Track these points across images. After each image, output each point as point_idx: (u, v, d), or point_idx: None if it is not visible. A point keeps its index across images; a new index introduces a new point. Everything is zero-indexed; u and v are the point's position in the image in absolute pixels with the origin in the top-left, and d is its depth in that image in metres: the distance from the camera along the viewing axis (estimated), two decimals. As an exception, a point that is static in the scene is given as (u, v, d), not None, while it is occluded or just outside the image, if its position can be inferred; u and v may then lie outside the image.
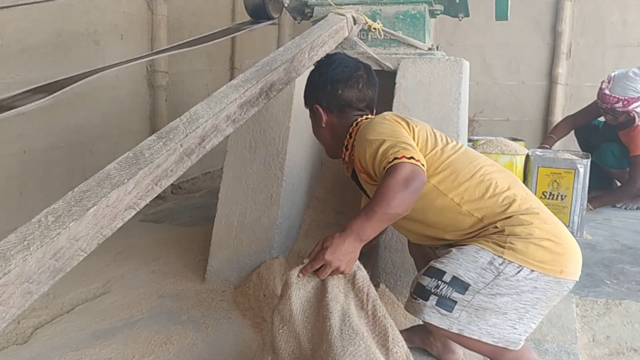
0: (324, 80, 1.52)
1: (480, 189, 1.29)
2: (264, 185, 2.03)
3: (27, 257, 0.81)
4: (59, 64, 2.62)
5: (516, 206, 1.26)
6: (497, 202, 1.27)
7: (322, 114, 1.53)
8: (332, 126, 1.54)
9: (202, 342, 1.60)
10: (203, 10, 3.93)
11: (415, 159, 1.22)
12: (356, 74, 1.52)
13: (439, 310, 1.22)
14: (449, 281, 1.22)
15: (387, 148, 1.26)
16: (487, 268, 1.21)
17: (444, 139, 1.42)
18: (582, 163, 2.67)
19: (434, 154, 1.35)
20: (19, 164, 2.48)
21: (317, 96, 1.54)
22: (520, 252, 1.21)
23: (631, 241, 2.62)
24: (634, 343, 1.63)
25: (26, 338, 1.62)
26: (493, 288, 1.20)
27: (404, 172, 1.20)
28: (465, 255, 1.24)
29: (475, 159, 1.37)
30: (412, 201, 1.22)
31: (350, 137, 1.50)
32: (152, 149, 1.12)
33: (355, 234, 1.23)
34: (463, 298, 1.21)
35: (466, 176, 1.31)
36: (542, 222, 1.25)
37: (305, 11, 2.40)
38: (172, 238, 2.54)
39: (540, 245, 1.21)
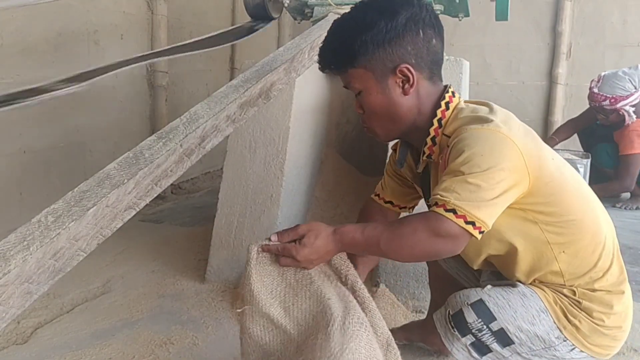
0: (414, 25, 1.06)
1: (585, 252, 1.09)
2: (264, 185, 2.03)
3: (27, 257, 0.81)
4: (59, 64, 2.62)
5: (604, 282, 1.10)
6: (592, 272, 1.10)
7: (413, 75, 1.08)
8: (419, 95, 1.11)
9: (202, 342, 1.60)
10: (203, 10, 3.93)
11: (475, 226, 0.94)
12: (434, 16, 1.10)
13: (470, 351, 1.13)
14: (494, 330, 1.09)
15: (461, 184, 0.95)
16: (541, 338, 1.08)
17: (563, 168, 1.11)
18: (582, 163, 2.67)
19: (554, 197, 1.06)
20: (19, 164, 2.48)
21: (404, 51, 1.07)
22: (583, 335, 1.09)
23: (631, 241, 2.62)
24: (634, 343, 1.62)
25: (26, 338, 1.62)
26: (535, 356, 1.11)
27: (445, 235, 0.95)
28: (526, 310, 1.08)
29: (591, 204, 1.13)
30: (423, 260, 1.07)
31: (440, 126, 1.11)
32: (152, 149, 1.12)
33: (343, 245, 1.05)
34: (500, 352, 1.11)
35: (577, 232, 1.08)
36: (621, 305, 1.11)
37: (305, 11, 2.40)
38: (172, 238, 2.54)
39: (606, 334, 1.10)
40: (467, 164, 0.96)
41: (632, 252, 2.46)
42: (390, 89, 1.09)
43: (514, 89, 4.62)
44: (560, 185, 1.07)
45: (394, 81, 1.09)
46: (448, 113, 1.11)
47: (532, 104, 4.57)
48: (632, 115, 3.13)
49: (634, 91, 3.09)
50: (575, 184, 1.12)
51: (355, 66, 1.10)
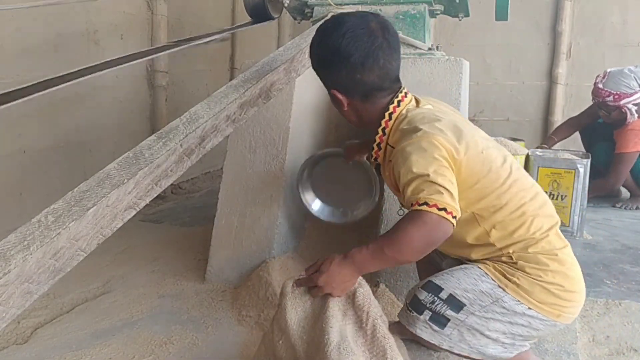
0: (338, 62, 1.24)
1: (514, 225, 1.22)
2: (264, 185, 2.03)
3: (27, 257, 0.81)
4: (59, 64, 2.61)
5: (539, 247, 1.21)
6: (524, 238, 1.21)
7: (342, 98, 1.29)
8: (357, 110, 1.31)
9: (202, 342, 1.60)
10: (203, 10, 3.93)
11: (447, 211, 1.09)
12: (374, 47, 1.22)
13: (431, 325, 1.22)
14: (445, 298, 1.21)
15: (420, 184, 1.12)
16: (486, 293, 1.20)
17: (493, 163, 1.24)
18: (582, 163, 2.67)
19: (481, 185, 1.22)
20: (19, 164, 2.49)
21: (332, 79, 1.29)
22: (523, 290, 1.18)
23: (631, 241, 2.62)
24: (634, 343, 1.63)
25: (26, 338, 1.62)
26: (488, 312, 1.19)
27: (429, 224, 1.09)
28: (467, 276, 1.22)
29: (521, 189, 1.25)
30: (426, 252, 1.14)
31: (384, 134, 1.29)
32: (152, 149, 1.12)
33: (356, 266, 1.18)
34: (456, 317, 1.20)
35: (507, 211, 1.22)
36: (560, 264, 1.21)
37: (305, 11, 2.40)
38: (172, 238, 2.54)
39: (547, 289, 1.19)
40: (412, 169, 1.14)
41: (632, 252, 2.46)
42: (335, 101, 1.34)
43: (514, 89, 4.62)
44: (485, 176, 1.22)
45: (334, 97, 1.32)
46: (391, 123, 1.28)
47: (532, 104, 4.57)
48: (634, 114, 3.13)
49: (639, 90, 3.09)
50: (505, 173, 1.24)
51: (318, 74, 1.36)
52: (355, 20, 1.25)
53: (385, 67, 1.25)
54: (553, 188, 2.70)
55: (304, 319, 1.24)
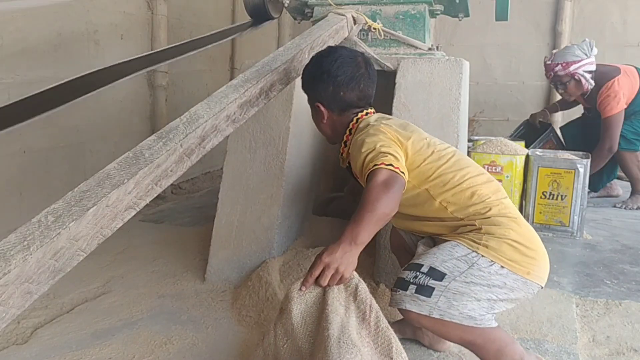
0: (327, 81, 1.55)
1: (465, 195, 1.38)
2: (264, 185, 2.03)
3: (27, 257, 0.81)
4: (59, 64, 2.62)
5: (496, 210, 1.36)
6: (479, 207, 1.37)
7: (324, 111, 1.58)
8: (333, 122, 1.59)
9: (202, 342, 1.60)
10: (203, 10, 3.93)
11: (393, 166, 1.30)
12: (358, 74, 1.55)
13: (418, 297, 1.28)
14: (426, 271, 1.30)
15: (371, 158, 1.35)
16: (462, 259, 1.30)
17: (437, 147, 1.48)
18: (582, 163, 2.67)
19: (427, 163, 1.42)
20: (19, 164, 2.49)
21: (319, 94, 1.58)
22: (493, 249, 1.30)
23: (631, 241, 2.62)
24: (634, 343, 1.63)
25: (26, 338, 1.62)
26: (467, 277, 1.28)
27: (381, 177, 1.29)
28: (442, 250, 1.34)
29: (465, 167, 1.44)
30: (394, 201, 1.29)
31: (349, 134, 1.56)
32: (152, 149, 1.12)
33: (349, 238, 1.27)
34: (440, 284, 1.28)
35: (454, 184, 1.40)
36: (518, 226, 1.35)
37: (305, 11, 2.40)
38: (172, 238, 2.54)
39: (513, 246, 1.31)
40: (362, 149, 1.38)
41: (632, 252, 2.46)
42: (316, 115, 1.61)
43: (514, 89, 4.62)
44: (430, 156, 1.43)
45: (317, 111, 1.59)
46: (356, 125, 1.55)
47: (532, 104, 4.57)
48: (590, 81, 3.17)
49: (585, 57, 3.14)
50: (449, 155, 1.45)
51: (305, 92, 1.65)
52: (346, 52, 1.59)
53: (364, 90, 1.56)
54: (553, 188, 2.70)
55: (310, 322, 1.25)
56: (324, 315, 1.21)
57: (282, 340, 1.26)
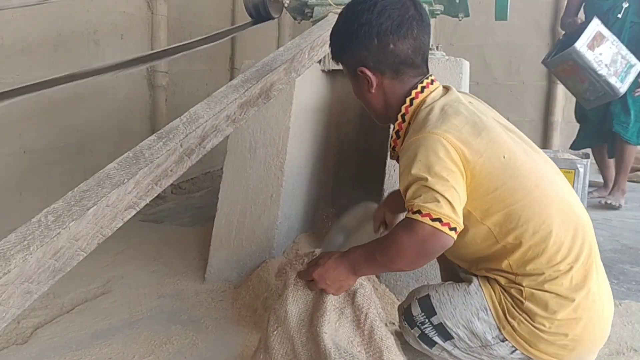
0: (368, 33, 1.17)
1: (535, 251, 1.09)
2: (264, 185, 2.03)
3: (27, 257, 0.81)
4: (59, 64, 2.62)
5: (557, 285, 1.08)
6: (541, 273, 1.09)
7: (372, 77, 1.20)
8: (385, 91, 1.21)
9: (202, 342, 1.60)
10: (203, 10, 3.93)
11: (442, 222, 1.01)
12: (407, 17, 1.17)
13: (419, 342, 1.22)
14: (435, 324, 1.17)
15: (418, 189, 1.04)
16: (478, 335, 1.13)
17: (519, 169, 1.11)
18: (582, 163, 2.67)
19: (500, 193, 1.09)
20: (19, 164, 2.49)
21: (361, 55, 1.19)
22: (521, 337, 1.10)
23: (631, 241, 2.62)
24: (634, 343, 1.62)
25: (26, 338, 1.62)
26: (474, 353, 1.16)
27: (421, 235, 1.02)
28: (466, 307, 1.13)
29: (548, 205, 1.10)
30: (421, 263, 1.10)
31: (403, 121, 1.20)
32: (152, 149, 1.12)
33: (351, 266, 1.17)
34: (443, 345, 1.18)
35: (528, 231, 1.08)
36: (567, 313, 1.08)
37: (305, 11, 2.40)
38: (172, 238, 2.54)
39: (549, 340, 1.09)
40: (413, 171, 1.05)
41: (632, 252, 2.46)
42: (360, 84, 1.24)
43: (514, 89, 4.62)
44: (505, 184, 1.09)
45: (360, 79, 1.23)
46: (411, 109, 1.19)
47: (532, 104, 4.57)
48: None
49: None
50: (532, 184, 1.11)
51: (339, 62, 1.29)
52: None
53: (419, 38, 1.18)
54: (553, 188, 2.69)
55: (305, 311, 1.24)
56: (320, 321, 1.19)
57: (273, 327, 1.24)
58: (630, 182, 3.98)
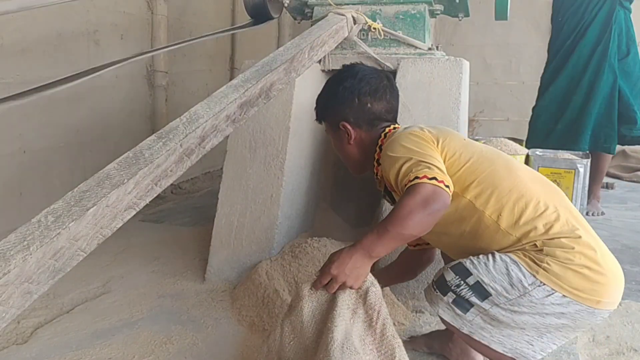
0: (350, 94, 1.45)
1: (519, 207, 1.20)
2: (264, 185, 2.03)
3: (27, 257, 0.81)
4: (59, 64, 2.62)
5: (558, 227, 1.18)
6: (538, 223, 1.19)
7: (351, 130, 1.46)
8: (361, 141, 1.47)
9: (202, 342, 1.60)
10: (203, 10, 3.93)
11: (437, 180, 1.14)
12: (382, 85, 1.47)
13: (453, 308, 1.20)
14: (471, 284, 1.18)
15: (409, 166, 1.19)
16: (515, 285, 1.15)
17: (478, 148, 1.33)
18: (582, 163, 2.67)
19: (469, 165, 1.26)
20: (19, 164, 2.48)
21: (344, 112, 1.46)
22: (555, 275, 1.13)
23: (631, 241, 2.62)
24: (634, 343, 1.63)
25: (26, 338, 1.62)
26: (514, 306, 1.16)
27: (423, 193, 1.13)
28: (497, 264, 1.17)
29: (515, 170, 1.28)
30: (430, 223, 1.16)
31: (380, 150, 1.42)
32: (152, 149, 1.12)
33: (365, 250, 1.20)
34: (480, 305, 1.18)
35: (504, 191, 1.22)
36: (585, 247, 1.16)
37: (305, 11, 2.40)
38: (172, 238, 2.54)
39: (580, 272, 1.14)
40: (395, 157, 1.24)
41: (632, 252, 2.46)
42: (340, 139, 1.50)
43: (514, 89, 4.62)
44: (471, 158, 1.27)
45: (340, 133, 1.48)
46: (386, 140, 1.40)
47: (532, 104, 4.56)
48: None
49: None
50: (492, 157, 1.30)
51: (321, 121, 1.57)
52: (365, 66, 1.54)
53: (390, 102, 1.49)
54: (553, 188, 2.70)
55: (320, 321, 1.23)
56: (331, 316, 1.20)
57: (288, 338, 1.24)
58: (630, 182, 3.99)
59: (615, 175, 4.21)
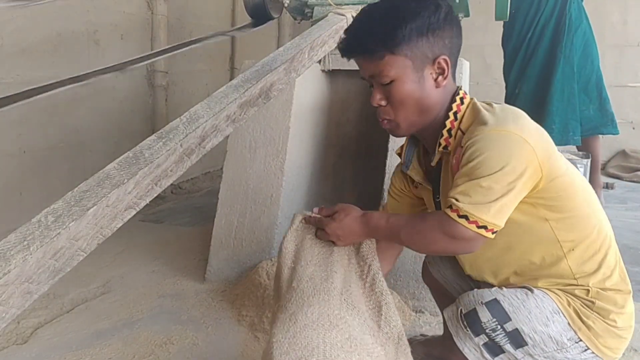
0: (450, 20, 1.10)
1: (592, 248, 1.09)
2: (264, 185, 2.03)
3: (27, 257, 0.81)
4: (59, 64, 2.62)
5: (613, 280, 1.09)
6: (600, 270, 1.09)
7: (448, 68, 1.11)
8: (446, 88, 1.13)
9: (202, 342, 1.60)
10: (203, 11, 3.93)
11: (487, 229, 0.98)
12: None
13: (482, 351, 1.10)
14: (509, 331, 1.07)
15: (470, 189, 0.98)
16: (554, 339, 1.06)
17: (573, 174, 1.13)
18: (582, 163, 2.67)
19: (562, 194, 1.08)
20: (19, 164, 2.48)
21: (444, 42, 1.10)
22: (596, 335, 1.07)
23: (631, 241, 2.62)
24: (634, 343, 1.62)
25: (26, 338, 1.62)
26: (546, 359, 1.08)
27: (458, 239, 0.99)
28: (540, 311, 1.07)
29: (598, 208, 1.14)
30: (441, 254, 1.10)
31: (455, 119, 1.12)
32: (152, 149, 1.12)
33: (369, 228, 1.13)
34: (513, 353, 1.08)
35: (586, 228, 1.09)
36: (629, 304, 1.11)
37: (305, 11, 2.40)
38: (172, 238, 2.54)
39: (618, 334, 1.08)
40: (480, 168, 0.98)
41: (632, 252, 2.46)
42: (425, 80, 1.10)
43: (514, 89, 4.60)
44: (569, 181, 1.08)
45: (430, 72, 1.10)
46: (463, 107, 1.12)
47: (532, 104, 4.56)
48: None
49: None
50: (582, 182, 1.14)
51: (396, 53, 1.08)
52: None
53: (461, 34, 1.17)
54: (553, 188, 2.69)
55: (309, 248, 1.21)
56: (331, 261, 1.18)
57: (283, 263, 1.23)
58: (630, 182, 3.99)
59: (615, 175, 4.21)
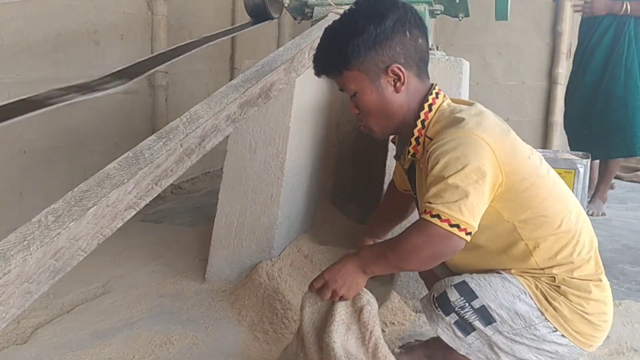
0: (401, 27, 1.14)
1: (559, 244, 1.14)
2: (264, 185, 2.03)
3: (27, 257, 0.81)
4: (59, 64, 2.62)
5: (583, 270, 1.15)
6: (567, 261, 1.15)
7: (404, 75, 1.16)
8: (408, 92, 1.18)
9: (202, 342, 1.60)
10: (203, 10, 3.93)
11: (460, 228, 1.03)
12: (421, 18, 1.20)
13: (454, 329, 1.16)
14: (476, 308, 1.14)
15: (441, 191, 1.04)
16: (522, 315, 1.13)
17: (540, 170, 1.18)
18: (582, 163, 2.67)
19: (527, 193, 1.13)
20: (19, 164, 2.48)
21: (395, 51, 1.15)
22: (563, 317, 1.13)
23: (631, 241, 2.62)
24: (634, 343, 1.62)
25: (26, 338, 1.62)
26: (516, 336, 1.14)
27: (435, 238, 1.04)
28: (506, 290, 1.13)
29: (567, 203, 1.18)
30: (432, 264, 1.12)
31: (423, 127, 1.18)
32: (152, 149, 1.12)
33: (361, 264, 1.16)
34: (483, 330, 1.15)
35: (552, 225, 1.14)
36: (600, 292, 1.15)
37: (305, 11, 2.40)
38: (172, 238, 2.54)
39: (587, 319, 1.13)
40: (445, 168, 1.05)
41: (632, 252, 2.46)
42: (383, 88, 1.17)
43: (514, 89, 4.62)
44: (534, 183, 1.14)
45: (386, 80, 1.17)
46: (431, 115, 1.18)
47: (532, 104, 4.57)
48: None
49: None
50: (550, 182, 1.19)
51: (350, 69, 1.17)
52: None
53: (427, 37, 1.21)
54: (553, 188, 2.69)
55: (320, 328, 1.23)
56: (328, 331, 1.19)
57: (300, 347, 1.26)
58: (630, 182, 3.99)
59: (615, 175, 4.21)
